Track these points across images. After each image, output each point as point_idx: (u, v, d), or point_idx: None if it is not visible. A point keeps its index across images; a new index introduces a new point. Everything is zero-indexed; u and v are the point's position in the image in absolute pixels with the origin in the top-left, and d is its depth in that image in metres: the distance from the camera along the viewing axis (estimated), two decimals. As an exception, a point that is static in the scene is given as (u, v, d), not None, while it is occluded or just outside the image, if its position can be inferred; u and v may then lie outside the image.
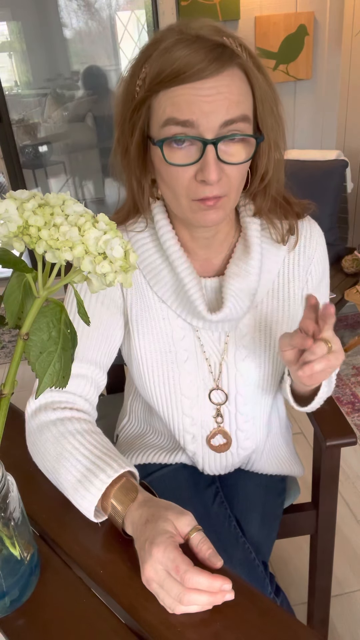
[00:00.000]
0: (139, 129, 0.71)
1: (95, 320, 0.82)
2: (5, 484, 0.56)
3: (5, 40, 3.39)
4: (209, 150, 0.66)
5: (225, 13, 2.26)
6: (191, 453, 0.92)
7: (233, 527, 0.88)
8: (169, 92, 0.66)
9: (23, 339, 0.46)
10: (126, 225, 0.83)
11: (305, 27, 2.37)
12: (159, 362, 0.86)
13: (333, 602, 1.35)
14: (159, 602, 0.58)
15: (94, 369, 0.82)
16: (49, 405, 0.78)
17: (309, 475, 1.07)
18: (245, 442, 0.92)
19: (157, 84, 0.66)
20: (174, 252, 0.79)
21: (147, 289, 0.83)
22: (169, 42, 0.65)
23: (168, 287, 0.82)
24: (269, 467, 0.98)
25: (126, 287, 0.46)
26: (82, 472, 0.68)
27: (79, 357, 0.80)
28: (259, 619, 0.57)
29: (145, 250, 0.82)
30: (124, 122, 0.72)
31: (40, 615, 0.59)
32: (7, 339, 2.68)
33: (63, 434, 0.73)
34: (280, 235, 0.82)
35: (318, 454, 1.02)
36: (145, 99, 0.68)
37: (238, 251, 0.82)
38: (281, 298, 0.85)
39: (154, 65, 0.66)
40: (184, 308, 0.82)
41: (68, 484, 0.69)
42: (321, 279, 0.88)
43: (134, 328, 0.85)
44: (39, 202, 0.45)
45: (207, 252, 0.83)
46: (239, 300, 0.80)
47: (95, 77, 3.51)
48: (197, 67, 0.63)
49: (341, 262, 2.39)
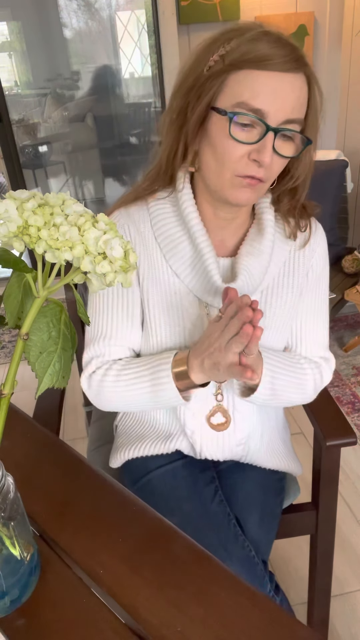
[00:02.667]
0: (207, 97, 0.75)
1: (120, 301, 0.88)
2: (5, 484, 0.56)
3: (5, 40, 3.39)
4: (269, 137, 0.73)
5: (225, 13, 2.26)
6: (190, 432, 0.92)
7: (232, 525, 0.88)
8: (251, 74, 0.71)
9: (23, 339, 0.46)
10: (146, 197, 0.87)
11: (305, 27, 2.37)
12: (167, 333, 0.89)
13: (333, 602, 1.35)
14: (159, 601, 0.58)
15: (125, 350, 0.91)
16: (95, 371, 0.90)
17: (309, 475, 1.07)
18: (242, 424, 0.93)
19: (242, 62, 0.71)
20: (195, 225, 0.83)
21: (162, 263, 0.86)
22: (255, 32, 0.72)
23: (185, 260, 0.85)
24: (266, 460, 0.98)
25: (125, 287, 0.46)
26: (149, 385, 0.84)
27: (112, 341, 0.89)
28: (259, 619, 0.57)
29: (165, 224, 0.85)
30: (191, 88, 0.76)
31: (40, 615, 0.59)
32: (7, 339, 2.68)
33: (117, 382, 0.87)
34: (292, 231, 0.89)
35: (318, 453, 1.02)
36: (223, 72, 0.73)
37: (252, 233, 0.88)
38: (284, 285, 0.90)
39: (241, 46, 0.71)
40: (197, 282, 0.86)
41: (148, 396, 0.85)
42: (320, 275, 0.93)
43: (145, 300, 0.89)
44: (38, 202, 0.45)
45: (222, 233, 0.88)
46: (251, 276, 0.85)
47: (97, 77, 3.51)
48: (282, 59, 0.70)
49: (341, 262, 2.39)
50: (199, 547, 0.65)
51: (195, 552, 0.65)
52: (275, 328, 0.91)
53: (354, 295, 2.20)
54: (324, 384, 0.95)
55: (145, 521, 0.69)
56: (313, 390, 0.94)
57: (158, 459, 0.96)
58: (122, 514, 0.70)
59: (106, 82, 3.54)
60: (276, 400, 0.88)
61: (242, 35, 0.72)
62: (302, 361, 0.92)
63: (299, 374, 0.90)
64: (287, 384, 0.88)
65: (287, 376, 0.88)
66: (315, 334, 0.95)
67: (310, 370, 0.92)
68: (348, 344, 2.44)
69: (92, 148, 3.74)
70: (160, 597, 0.60)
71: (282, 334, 0.93)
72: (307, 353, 0.94)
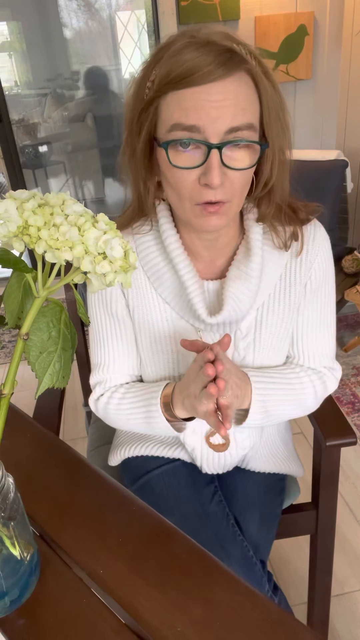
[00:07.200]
0: (146, 129, 0.72)
1: (114, 333, 0.89)
2: (5, 484, 0.56)
3: (5, 40, 3.39)
4: (213, 155, 0.67)
5: (225, 13, 2.26)
6: (190, 448, 0.92)
7: (231, 525, 0.88)
8: (177, 94, 0.66)
9: (23, 339, 0.46)
10: (132, 228, 0.84)
11: (305, 27, 2.36)
12: (160, 361, 0.88)
13: (333, 602, 1.35)
14: (159, 601, 0.58)
15: (126, 376, 0.92)
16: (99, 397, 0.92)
17: (309, 475, 1.07)
18: (243, 443, 0.92)
19: (165, 85, 0.67)
20: (177, 256, 0.80)
21: (151, 291, 0.85)
22: (179, 44, 0.66)
23: (171, 290, 0.83)
24: (265, 465, 0.98)
25: (126, 287, 0.46)
26: (144, 416, 0.86)
27: (112, 369, 0.91)
28: (259, 619, 0.57)
29: (149, 253, 0.83)
30: (132, 122, 0.73)
31: (40, 615, 0.59)
32: (7, 339, 2.68)
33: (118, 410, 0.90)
34: (282, 242, 0.82)
35: (318, 454, 1.02)
36: (153, 99, 0.69)
37: (240, 254, 0.83)
38: (282, 301, 0.86)
39: (164, 66, 0.67)
40: (185, 310, 0.83)
41: (145, 426, 0.87)
42: (321, 285, 0.87)
43: (137, 330, 0.88)
44: (38, 202, 0.45)
45: (210, 254, 0.84)
46: (239, 302, 0.81)
47: (97, 77, 3.51)
48: (205, 70, 0.64)
49: (341, 262, 2.39)
50: (199, 547, 0.65)
51: (196, 552, 0.65)
52: (272, 347, 0.88)
53: (354, 295, 2.20)
54: (327, 393, 0.92)
55: (146, 521, 0.69)
56: (314, 400, 0.90)
57: (158, 458, 0.96)
58: (122, 514, 0.70)
59: (106, 82, 3.53)
60: (272, 419, 0.87)
61: (168, 50, 0.67)
62: (300, 373, 0.89)
63: (295, 388, 0.87)
64: (281, 401, 0.86)
65: (281, 395, 0.85)
66: (318, 345, 0.90)
67: (309, 382, 0.89)
68: (348, 344, 2.44)
69: (92, 148, 3.74)
70: (160, 597, 0.60)
71: (280, 351, 0.90)
72: (309, 364, 0.91)
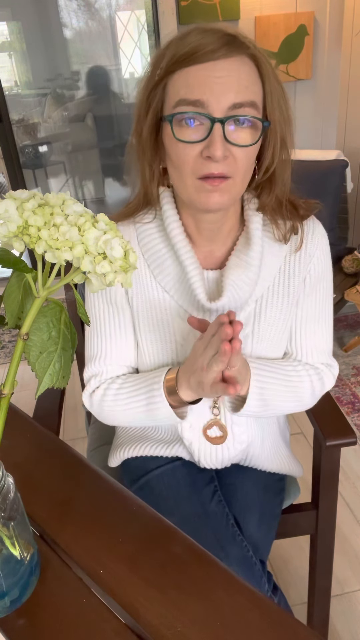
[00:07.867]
0: (153, 109, 0.74)
1: (112, 322, 0.89)
2: (5, 484, 0.56)
3: (5, 40, 3.39)
4: (216, 128, 0.69)
5: (225, 13, 2.26)
6: (188, 442, 0.92)
7: (231, 525, 0.88)
8: (183, 73, 0.70)
9: (23, 339, 0.46)
10: (135, 217, 0.85)
11: (305, 27, 2.37)
12: (159, 350, 0.89)
13: (333, 602, 1.35)
14: (159, 601, 0.58)
15: (122, 367, 0.92)
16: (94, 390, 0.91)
17: (309, 475, 1.07)
18: (240, 436, 0.92)
19: (172, 64, 0.70)
20: (179, 241, 0.82)
21: (151, 280, 0.85)
22: (187, 29, 0.71)
23: (171, 277, 0.84)
24: (268, 464, 0.98)
25: (126, 287, 0.46)
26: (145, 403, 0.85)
27: (108, 360, 0.90)
28: (259, 619, 0.57)
29: (151, 240, 0.84)
30: (141, 104, 0.76)
31: (40, 615, 0.59)
32: (7, 339, 2.68)
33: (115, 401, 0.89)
34: (282, 234, 0.84)
35: (318, 454, 1.02)
36: (161, 79, 0.72)
37: (240, 244, 0.84)
38: (280, 294, 0.87)
39: (171, 49, 0.71)
40: (185, 298, 0.84)
41: (145, 415, 0.86)
42: (320, 279, 0.88)
43: (136, 319, 0.88)
44: (38, 202, 0.45)
45: (210, 244, 0.85)
46: (239, 290, 0.82)
47: (97, 77, 3.51)
48: (209, 48, 0.68)
49: (341, 262, 2.39)
50: (199, 547, 0.65)
51: (196, 552, 0.65)
52: (270, 339, 0.89)
53: (354, 295, 2.20)
54: (324, 390, 0.93)
55: (146, 521, 0.69)
56: (311, 396, 0.91)
57: (157, 459, 0.96)
58: (122, 514, 0.70)
59: (106, 82, 3.53)
60: (269, 410, 0.87)
61: (176, 37, 0.72)
62: (298, 367, 0.90)
63: (293, 382, 0.88)
64: (279, 393, 0.86)
65: (279, 385, 0.86)
66: (316, 340, 0.91)
67: (307, 377, 0.89)
68: (348, 344, 2.44)
69: (92, 148, 3.74)
70: (160, 597, 0.60)
71: (278, 344, 0.90)
72: (307, 360, 0.92)
